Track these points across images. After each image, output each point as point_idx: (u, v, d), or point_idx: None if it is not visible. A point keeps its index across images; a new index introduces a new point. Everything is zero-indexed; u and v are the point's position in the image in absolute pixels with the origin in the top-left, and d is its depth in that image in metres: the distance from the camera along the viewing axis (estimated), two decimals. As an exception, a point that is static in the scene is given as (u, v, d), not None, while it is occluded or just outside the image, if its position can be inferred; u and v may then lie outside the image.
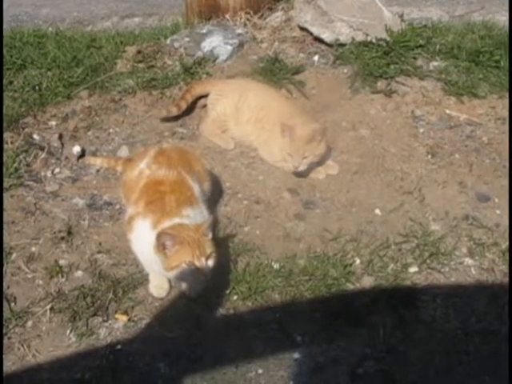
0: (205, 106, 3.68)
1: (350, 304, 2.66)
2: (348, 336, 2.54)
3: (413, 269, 2.84)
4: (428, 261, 2.86)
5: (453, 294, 2.73)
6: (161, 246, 2.43)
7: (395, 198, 3.22)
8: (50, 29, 4.58)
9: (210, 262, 2.46)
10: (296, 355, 2.47)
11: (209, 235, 2.49)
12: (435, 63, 4.00)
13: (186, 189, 2.70)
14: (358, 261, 2.86)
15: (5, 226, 2.93)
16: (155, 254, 2.47)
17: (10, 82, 3.80)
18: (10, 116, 3.49)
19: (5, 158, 3.24)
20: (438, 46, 4.10)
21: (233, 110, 3.51)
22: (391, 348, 2.49)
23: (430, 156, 3.50)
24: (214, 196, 3.07)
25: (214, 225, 2.85)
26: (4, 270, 2.73)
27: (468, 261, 2.89)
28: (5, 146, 3.33)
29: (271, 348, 2.49)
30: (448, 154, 3.50)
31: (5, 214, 3.00)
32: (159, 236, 2.43)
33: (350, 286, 2.75)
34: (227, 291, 2.68)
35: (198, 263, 2.43)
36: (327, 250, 2.89)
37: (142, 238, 2.56)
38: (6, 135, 3.39)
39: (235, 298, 2.67)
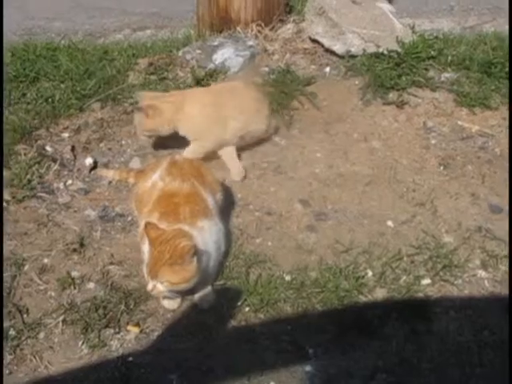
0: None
1: (363, 316, 2.65)
2: (360, 348, 2.52)
3: (425, 281, 2.82)
4: (441, 273, 2.85)
5: (466, 306, 2.71)
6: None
7: (407, 210, 3.21)
8: (63, 42, 4.60)
9: (161, 287, 2.44)
10: (308, 367, 2.46)
11: (190, 262, 2.40)
12: (447, 74, 4.00)
13: (200, 200, 2.70)
14: (370, 273, 2.85)
15: (17, 238, 2.95)
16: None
17: (24, 95, 3.82)
18: (23, 128, 3.51)
19: (18, 170, 3.26)
20: (449, 58, 4.09)
21: None
22: (404, 360, 2.48)
23: (442, 167, 3.49)
24: (226, 207, 3.06)
25: (227, 236, 2.85)
26: (17, 281, 2.74)
27: (481, 273, 2.87)
28: (18, 158, 3.35)
29: (283, 360, 2.48)
30: (460, 166, 3.49)
31: (18, 225, 3.01)
32: (145, 225, 2.47)
33: (362, 298, 2.74)
34: (239, 303, 2.67)
35: (148, 284, 2.45)
36: (339, 262, 2.88)
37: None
38: (19, 147, 3.41)
39: (247, 309, 2.66)
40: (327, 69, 4.08)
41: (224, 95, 3.48)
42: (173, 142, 3.50)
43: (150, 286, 2.44)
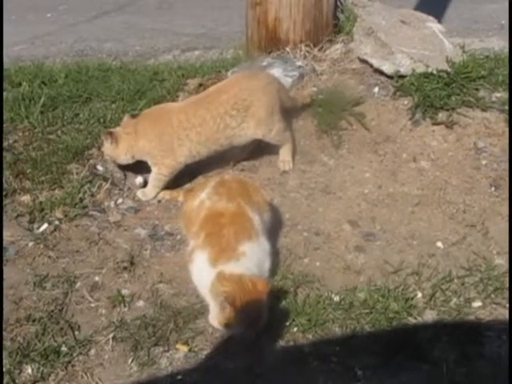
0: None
1: (412, 338, 2.62)
2: (410, 371, 2.49)
3: (476, 303, 2.78)
4: (492, 295, 2.80)
5: (519, 330, 2.66)
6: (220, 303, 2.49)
7: (458, 231, 3.17)
8: (114, 62, 4.70)
9: None
10: (357, 389, 2.44)
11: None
12: (498, 94, 3.95)
13: (246, 221, 2.72)
14: (419, 294, 2.81)
15: (69, 255, 3.01)
16: (212, 295, 2.52)
17: (76, 115, 3.90)
18: (75, 147, 3.58)
19: (70, 189, 3.32)
20: (500, 77, 4.04)
21: None
22: (455, 384, 2.44)
23: (493, 188, 3.44)
24: (274, 227, 3.07)
25: (274, 255, 2.85)
26: (69, 298, 2.79)
27: (534, 296, 2.82)
28: (70, 177, 3.42)
29: (332, 381, 2.45)
30: (512, 187, 3.44)
31: (70, 243, 3.07)
32: (224, 296, 2.46)
33: (411, 320, 2.70)
34: (287, 323, 2.66)
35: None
36: (388, 283, 2.86)
37: (201, 270, 2.61)
38: (72, 166, 3.48)
39: (295, 329, 2.65)
40: (376, 89, 4.07)
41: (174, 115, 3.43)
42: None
43: None
